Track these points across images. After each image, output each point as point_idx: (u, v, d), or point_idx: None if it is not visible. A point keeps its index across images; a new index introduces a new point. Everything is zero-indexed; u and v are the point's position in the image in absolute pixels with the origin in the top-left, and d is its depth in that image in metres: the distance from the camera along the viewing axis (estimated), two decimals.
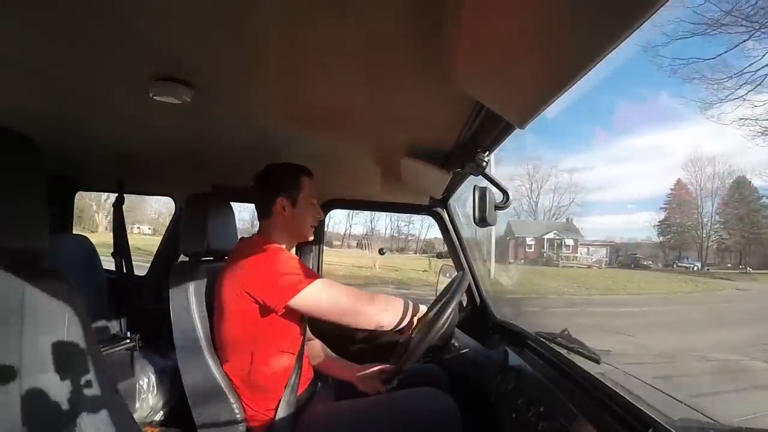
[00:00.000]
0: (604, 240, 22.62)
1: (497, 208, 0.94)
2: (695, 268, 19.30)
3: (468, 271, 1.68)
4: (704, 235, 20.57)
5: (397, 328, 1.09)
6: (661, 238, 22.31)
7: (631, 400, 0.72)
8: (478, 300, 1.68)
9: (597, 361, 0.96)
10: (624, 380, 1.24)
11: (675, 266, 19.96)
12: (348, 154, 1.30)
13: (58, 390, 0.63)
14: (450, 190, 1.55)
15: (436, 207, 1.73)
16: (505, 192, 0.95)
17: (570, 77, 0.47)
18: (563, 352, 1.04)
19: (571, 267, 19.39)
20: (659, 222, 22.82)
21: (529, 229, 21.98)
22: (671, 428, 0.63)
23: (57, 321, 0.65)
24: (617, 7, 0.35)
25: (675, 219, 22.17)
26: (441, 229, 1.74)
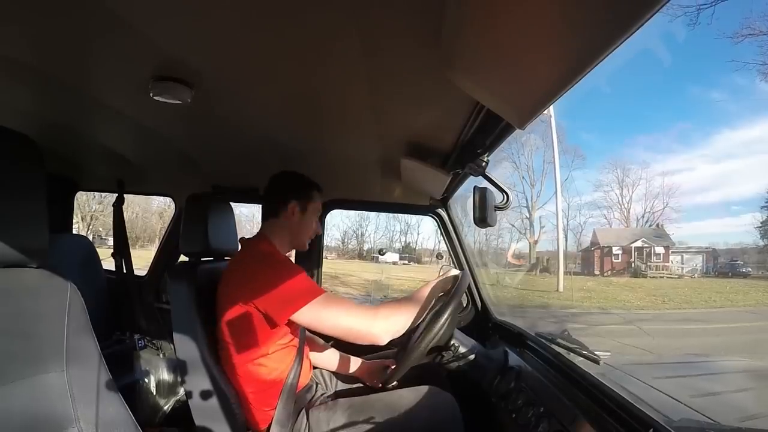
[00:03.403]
0: (700, 246, 19.99)
1: (497, 208, 0.94)
2: None
3: (468, 271, 1.68)
4: None
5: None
6: (765, 241, 18.79)
7: (631, 401, 0.72)
8: (478, 300, 1.69)
9: (597, 362, 0.96)
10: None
11: None
12: (348, 154, 1.29)
13: (58, 390, 0.63)
14: (450, 191, 1.55)
15: (436, 207, 1.73)
16: (505, 192, 0.95)
17: (570, 78, 0.47)
18: (563, 352, 1.04)
19: (661, 277, 17.19)
20: (761, 223, 18.91)
21: (616, 237, 19.85)
22: (671, 429, 0.63)
23: (57, 321, 0.65)
24: (617, 8, 0.35)
25: None
26: (441, 229, 1.74)
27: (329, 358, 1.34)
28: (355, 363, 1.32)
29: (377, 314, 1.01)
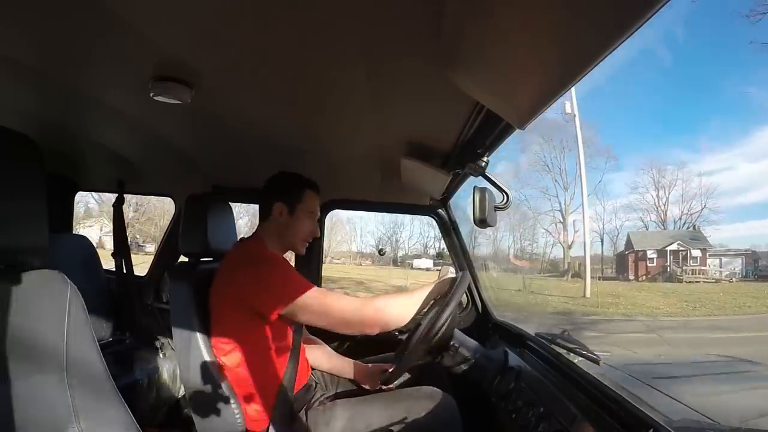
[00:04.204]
0: (738, 249, 18.69)
1: (497, 209, 0.93)
2: None
3: (468, 271, 1.68)
4: None
5: (405, 324, 1.08)
6: None
7: (631, 401, 0.72)
8: (478, 300, 1.68)
9: (597, 362, 0.96)
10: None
11: None
12: (348, 154, 1.29)
13: (58, 390, 0.63)
14: (450, 191, 1.55)
15: (436, 207, 1.73)
16: (505, 193, 0.95)
17: (570, 78, 0.47)
18: (563, 352, 1.04)
19: (697, 282, 16.06)
20: None
21: (651, 240, 18.92)
22: (671, 429, 0.63)
23: (57, 321, 0.65)
24: (617, 8, 0.35)
25: None
26: (441, 229, 1.74)
27: (327, 360, 1.34)
28: (353, 366, 1.32)
29: (368, 305, 1.03)
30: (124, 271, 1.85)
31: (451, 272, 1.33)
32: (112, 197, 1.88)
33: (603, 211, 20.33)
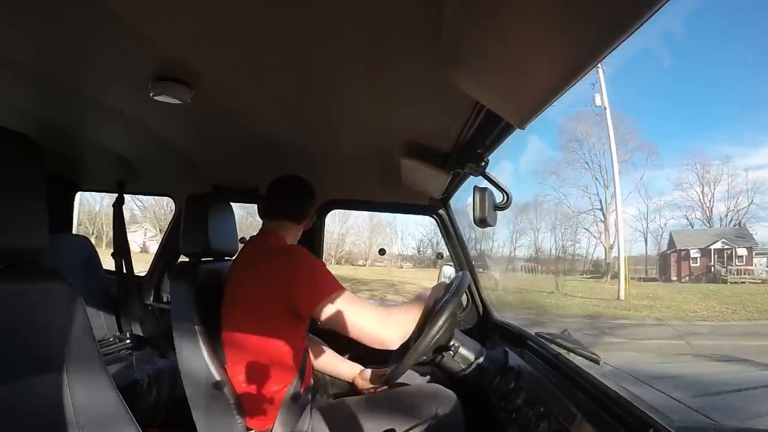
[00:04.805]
0: None
1: (497, 208, 0.93)
2: None
3: (468, 271, 1.68)
4: None
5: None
6: None
7: (631, 401, 0.72)
8: (478, 301, 1.68)
9: (597, 362, 0.96)
10: None
11: None
12: (348, 154, 1.29)
13: (58, 390, 0.63)
14: (450, 191, 1.55)
15: (436, 207, 1.73)
16: (505, 192, 0.95)
17: (570, 77, 0.47)
18: (563, 352, 1.04)
19: (742, 282, 14.99)
20: None
21: (694, 239, 17.79)
22: (671, 429, 0.63)
23: (57, 321, 0.65)
24: (617, 7, 0.35)
25: None
26: (441, 229, 1.74)
27: (327, 362, 1.34)
28: (353, 369, 1.31)
29: (389, 318, 1.03)
30: (124, 271, 1.85)
31: (450, 272, 1.33)
32: (154, 204, 1.87)
33: (646, 210, 18.95)
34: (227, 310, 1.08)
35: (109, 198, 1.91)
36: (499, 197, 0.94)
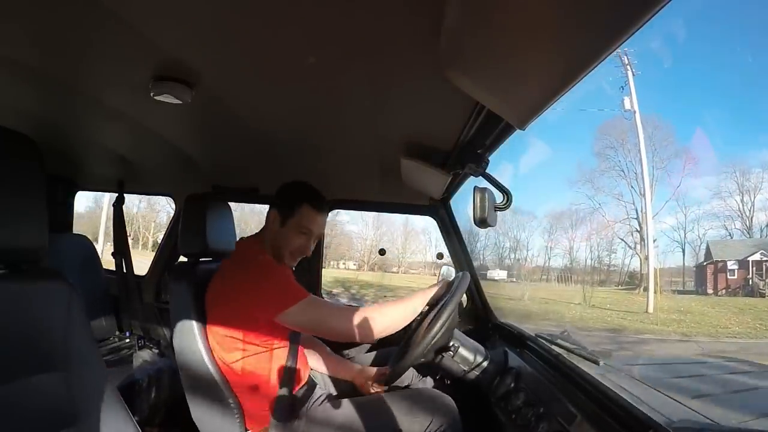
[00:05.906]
0: None
1: (497, 209, 0.93)
2: None
3: (468, 272, 1.68)
4: None
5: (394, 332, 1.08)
6: None
7: (630, 402, 0.72)
8: (478, 301, 1.68)
9: (596, 363, 0.96)
10: None
11: None
12: (347, 154, 1.29)
13: (57, 390, 0.63)
14: (450, 191, 1.55)
15: (435, 207, 1.73)
16: (506, 192, 0.95)
17: (570, 78, 0.46)
18: (563, 353, 1.04)
19: None
20: None
21: (732, 250, 16.70)
22: (671, 429, 0.63)
23: (56, 321, 0.65)
24: (617, 8, 0.35)
25: None
26: (441, 229, 1.74)
27: (325, 362, 1.34)
28: (351, 368, 1.31)
29: (360, 315, 1.03)
30: (125, 270, 1.85)
31: (450, 273, 1.32)
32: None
33: (684, 219, 17.85)
34: (209, 314, 1.10)
35: (147, 201, 1.91)
36: (499, 197, 0.94)
